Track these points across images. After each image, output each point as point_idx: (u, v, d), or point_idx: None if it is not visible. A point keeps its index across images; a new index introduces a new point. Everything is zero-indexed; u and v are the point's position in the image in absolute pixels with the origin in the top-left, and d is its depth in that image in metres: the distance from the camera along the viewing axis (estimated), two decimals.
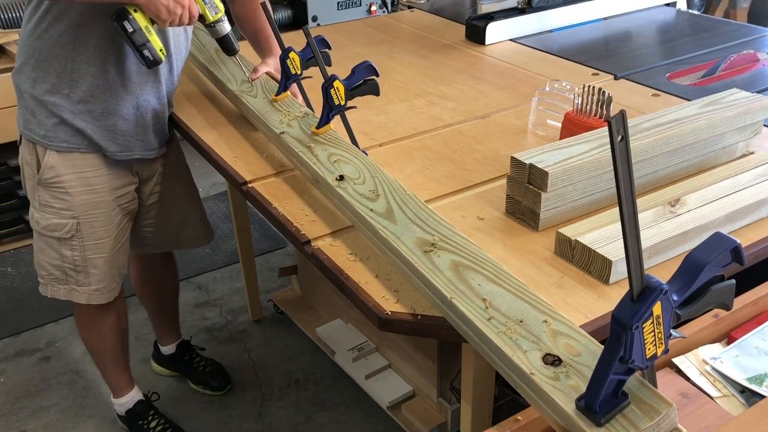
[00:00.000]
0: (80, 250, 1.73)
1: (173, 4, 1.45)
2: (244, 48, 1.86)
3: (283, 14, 3.25)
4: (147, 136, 1.72)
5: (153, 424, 2.12)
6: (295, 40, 1.79)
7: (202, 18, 1.58)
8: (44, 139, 1.63)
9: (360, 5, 3.29)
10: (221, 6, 1.61)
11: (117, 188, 1.74)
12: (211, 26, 1.63)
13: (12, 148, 2.90)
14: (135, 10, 1.45)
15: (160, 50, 1.51)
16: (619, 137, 0.68)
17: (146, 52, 1.49)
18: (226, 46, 1.68)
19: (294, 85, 1.66)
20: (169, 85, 1.72)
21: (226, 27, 1.64)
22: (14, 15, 3.03)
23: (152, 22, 1.48)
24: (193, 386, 2.35)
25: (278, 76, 1.70)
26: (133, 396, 2.13)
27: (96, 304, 1.82)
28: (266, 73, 1.76)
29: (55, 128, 1.61)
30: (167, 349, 2.36)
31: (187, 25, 1.52)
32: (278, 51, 1.68)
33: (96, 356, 2.03)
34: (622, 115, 0.68)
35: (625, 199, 0.71)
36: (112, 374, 2.08)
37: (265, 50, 1.81)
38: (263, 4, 1.70)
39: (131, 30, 1.46)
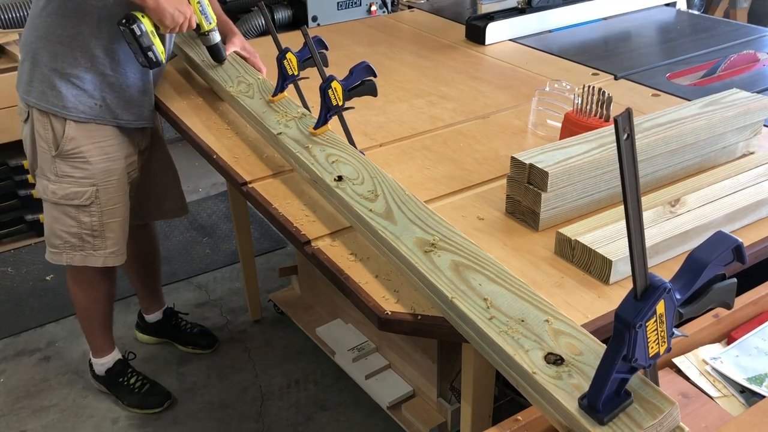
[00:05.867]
0: (98, 216, 1.87)
1: (177, 13, 1.63)
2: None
3: (283, 14, 3.24)
4: (149, 105, 1.89)
5: (132, 381, 2.26)
6: (295, 40, 1.78)
7: (197, 27, 1.77)
8: (64, 110, 1.75)
9: (360, 5, 3.28)
10: (215, 18, 1.81)
11: (127, 156, 1.89)
12: (204, 35, 1.82)
13: (12, 148, 2.90)
14: (143, 16, 1.62)
15: (161, 53, 1.68)
16: (625, 135, 0.68)
17: (150, 54, 1.66)
18: (216, 53, 1.86)
19: (257, 59, 1.84)
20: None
21: (216, 36, 1.84)
22: (14, 15, 3.02)
23: (156, 27, 1.65)
24: (181, 348, 2.49)
25: (245, 54, 1.89)
26: (114, 356, 2.26)
27: (111, 266, 1.95)
28: (235, 52, 1.89)
29: (76, 99, 1.75)
30: (153, 317, 2.49)
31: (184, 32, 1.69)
32: (237, 30, 1.93)
33: (86, 318, 2.16)
34: (629, 113, 0.68)
35: (630, 198, 0.71)
36: (98, 336, 2.21)
37: (227, 32, 1.94)
38: (260, 5, 1.77)
39: (139, 33, 1.62)
